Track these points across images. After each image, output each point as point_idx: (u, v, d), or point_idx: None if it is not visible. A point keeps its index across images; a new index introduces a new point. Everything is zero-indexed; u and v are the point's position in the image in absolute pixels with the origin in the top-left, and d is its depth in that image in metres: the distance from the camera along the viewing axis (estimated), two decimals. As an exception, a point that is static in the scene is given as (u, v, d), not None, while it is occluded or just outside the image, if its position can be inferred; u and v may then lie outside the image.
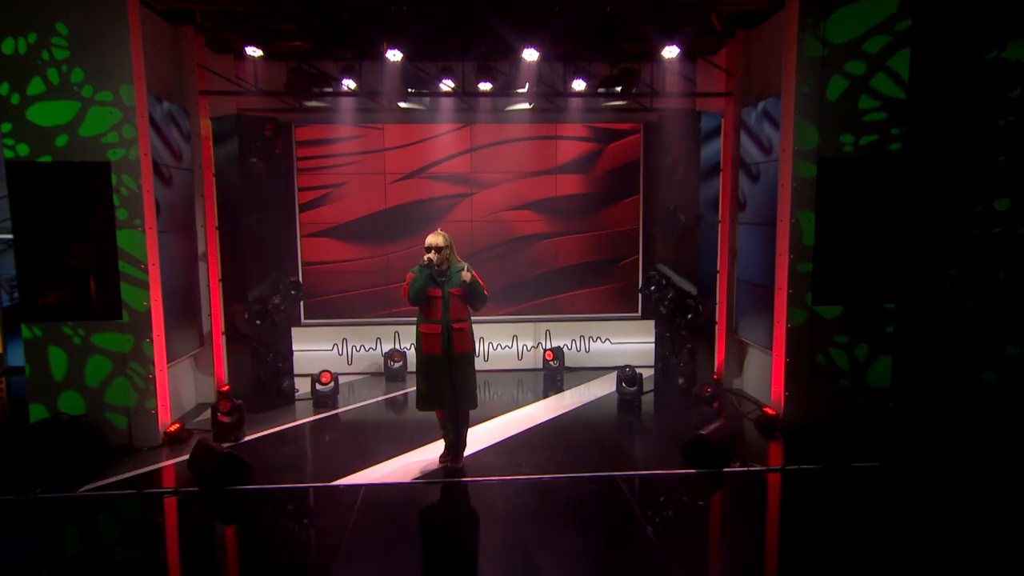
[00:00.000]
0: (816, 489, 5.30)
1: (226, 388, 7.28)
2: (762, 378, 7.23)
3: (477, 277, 5.34)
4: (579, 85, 7.61)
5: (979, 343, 6.40)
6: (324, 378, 7.51)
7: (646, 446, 6.50)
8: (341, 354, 8.75)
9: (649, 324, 8.63)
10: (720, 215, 7.72)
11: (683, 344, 7.54)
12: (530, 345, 8.98)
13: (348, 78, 7.45)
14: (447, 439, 5.65)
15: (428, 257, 5.26)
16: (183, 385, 7.20)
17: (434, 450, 5.87)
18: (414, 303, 5.32)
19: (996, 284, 6.33)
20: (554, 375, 8.53)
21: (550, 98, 8.10)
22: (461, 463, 5.59)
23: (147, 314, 5.98)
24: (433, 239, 5.30)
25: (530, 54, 6.99)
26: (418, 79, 7.63)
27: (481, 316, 8.34)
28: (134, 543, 4.71)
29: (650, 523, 4.72)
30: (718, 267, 7.81)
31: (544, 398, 7.76)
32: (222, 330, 7.44)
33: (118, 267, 5.88)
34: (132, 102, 5.77)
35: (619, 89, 7.69)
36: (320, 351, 8.67)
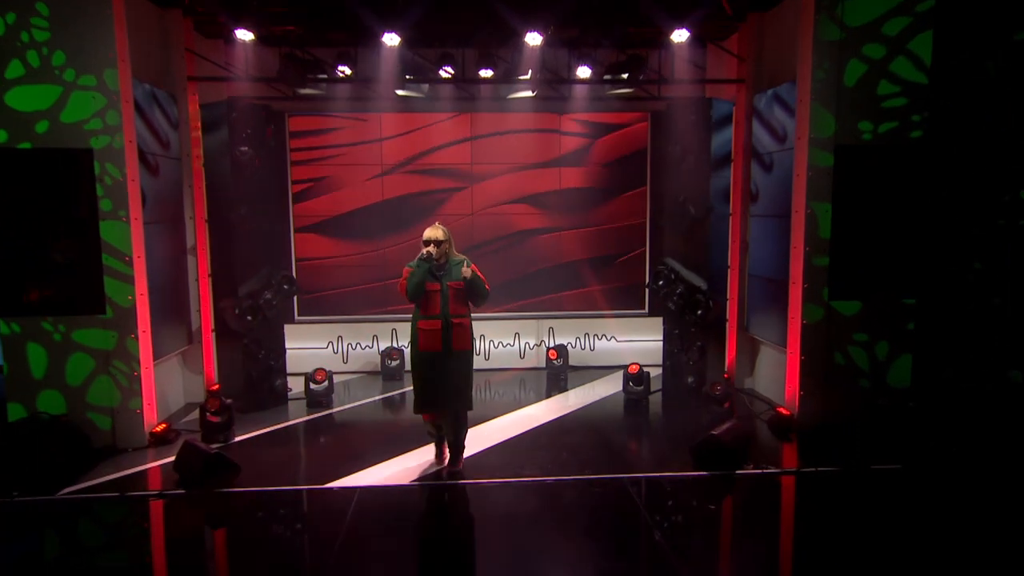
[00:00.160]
0: (834, 493, 5.18)
1: (216, 387, 7.16)
2: (775, 377, 7.11)
3: (477, 271, 5.24)
4: (584, 72, 7.47)
5: (1005, 340, 6.26)
6: (318, 376, 7.39)
7: (654, 447, 6.39)
8: (336, 352, 8.64)
9: (656, 321, 8.49)
10: (731, 207, 7.59)
11: (692, 341, 7.41)
12: (533, 343, 8.86)
13: (343, 64, 7.32)
14: (437, 442, 5.55)
15: (427, 251, 5.16)
16: (170, 384, 7.08)
17: (432, 452, 5.75)
18: (412, 298, 5.20)
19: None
20: (558, 374, 8.40)
21: (554, 86, 7.97)
22: (460, 465, 5.47)
23: (132, 309, 5.85)
24: (432, 232, 5.20)
25: (533, 38, 6.86)
26: (416, 66, 7.50)
27: (482, 313, 8.29)
28: (117, 549, 4.60)
29: (659, 528, 4.61)
30: (729, 262, 7.68)
31: (547, 398, 7.66)
32: (212, 327, 7.32)
33: (101, 260, 5.75)
34: (116, 87, 5.64)
35: (626, 76, 7.56)
36: (314, 349, 8.55)
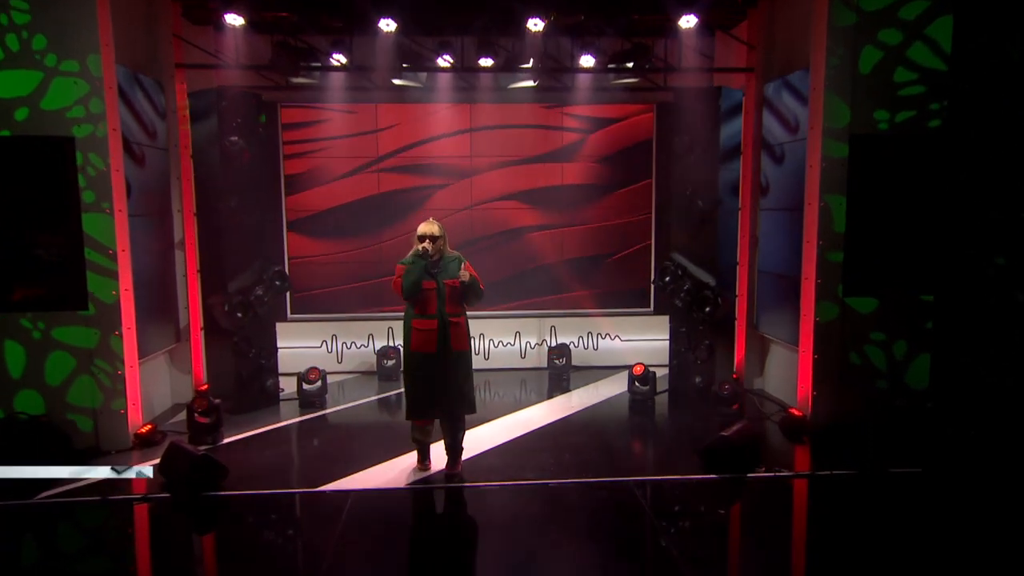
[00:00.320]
0: (850, 496, 5.08)
1: (205, 387, 7.04)
2: (786, 377, 7.00)
3: (473, 272, 5.15)
4: (587, 61, 7.37)
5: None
6: (311, 376, 7.28)
7: (661, 449, 6.31)
8: (331, 351, 8.53)
9: (662, 320, 8.36)
10: (740, 201, 7.48)
11: (700, 340, 7.29)
12: (534, 342, 8.74)
13: (338, 52, 7.21)
14: (422, 448, 5.44)
15: (422, 247, 5.04)
16: (157, 384, 6.97)
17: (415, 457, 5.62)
18: (408, 297, 5.07)
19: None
20: (560, 374, 8.30)
21: (556, 75, 7.87)
22: (459, 468, 5.36)
23: (115, 306, 5.73)
24: (427, 228, 5.09)
25: (535, 24, 6.76)
26: (414, 55, 7.40)
27: (482, 311, 8.21)
28: (98, 555, 4.50)
29: (666, 533, 4.51)
30: (737, 257, 7.57)
31: (549, 398, 7.56)
32: (200, 324, 7.22)
33: (84, 254, 5.63)
34: (100, 73, 5.52)
35: (630, 65, 7.46)
36: (308, 348, 8.43)
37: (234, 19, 6.67)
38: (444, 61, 7.34)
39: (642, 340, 8.70)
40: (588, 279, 8.85)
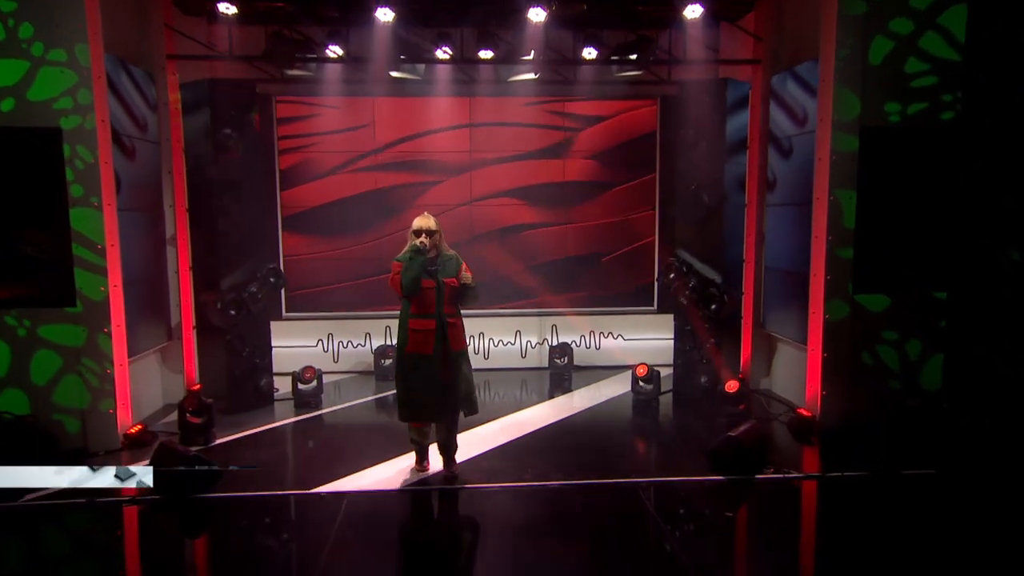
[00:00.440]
0: (862, 498, 5.00)
1: (197, 387, 6.96)
2: (793, 377, 6.93)
3: (470, 274, 5.11)
4: (590, 54, 7.29)
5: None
6: (307, 375, 7.21)
7: (666, 450, 6.24)
8: (327, 351, 8.45)
9: (666, 319, 8.29)
10: (747, 196, 7.40)
11: (705, 339, 7.21)
12: (535, 341, 8.66)
13: (334, 44, 7.13)
14: (421, 450, 5.36)
15: (420, 241, 4.96)
16: (147, 383, 6.87)
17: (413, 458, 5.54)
18: (409, 294, 4.97)
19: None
20: (561, 374, 8.23)
21: (557, 68, 7.79)
22: (456, 468, 5.29)
23: (104, 303, 5.64)
24: (423, 222, 5.02)
25: (536, 14, 6.68)
26: (412, 47, 7.31)
27: (482, 309, 8.14)
28: (86, 559, 4.43)
29: (672, 536, 4.46)
30: (744, 254, 7.48)
31: (550, 399, 7.50)
32: (192, 322, 7.12)
33: (71, 250, 5.55)
34: (88, 63, 5.44)
35: (634, 57, 7.38)
36: (303, 347, 8.35)
37: (227, 8, 6.58)
38: (443, 53, 7.26)
39: (646, 339, 8.63)
40: (590, 276, 8.77)
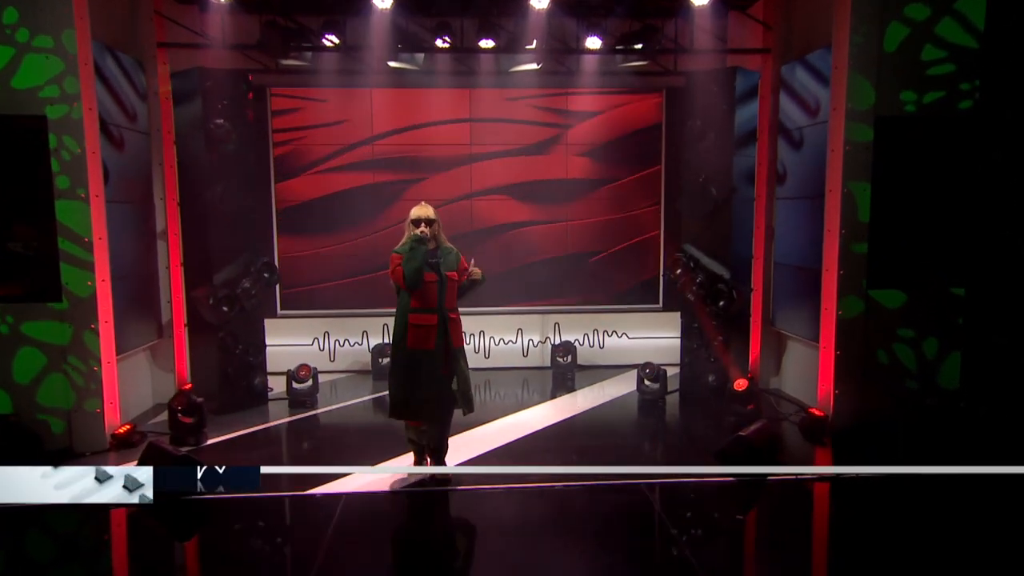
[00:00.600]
0: (876, 499, 4.94)
1: (189, 386, 6.87)
2: (804, 376, 6.85)
3: (467, 267, 5.05)
4: (594, 43, 7.21)
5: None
6: (302, 373, 7.13)
7: (673, 450, 6.22)
8: (323, 349, 8.37)
9: (672, 317, 8.22)
10: (756, 189, 7.31)
11: (713, 336, 7.13)
12: (537, 340, 8.58)
13: (330, 33, 7.04)
14: (419, 451, 5.26)
15: (421, 231, 4.88)
16: (136, 382, 6.80)
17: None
18: (412, 287, 4.87)
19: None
20: (564, 373, 8.16)
21: (560, 58, 7.71)
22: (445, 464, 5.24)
23: (91, 298, 5.55)
24: (421, 211, 4.96)
25: (539, 1, 6.60)
26: (411, 36, 7.23)
27: (482, 307, 8.07)
28: (71, 564, 4.38)
29: (680, 539, 4.38)
30: (753, 249, 7.40)
31: (553, 399, 7.44)
32: (184, 319, 7.03)
33: (57, 244, 5.46)
34: (75, 49, 5.35)
35: (640, 47, 7.31)
36: (298, 346, 8.27)
37: (219, -6, 6.50)
38: (443, 42, 7.17)
39: (652, 337, 8.55)
40: (594, 272, 8.69)
